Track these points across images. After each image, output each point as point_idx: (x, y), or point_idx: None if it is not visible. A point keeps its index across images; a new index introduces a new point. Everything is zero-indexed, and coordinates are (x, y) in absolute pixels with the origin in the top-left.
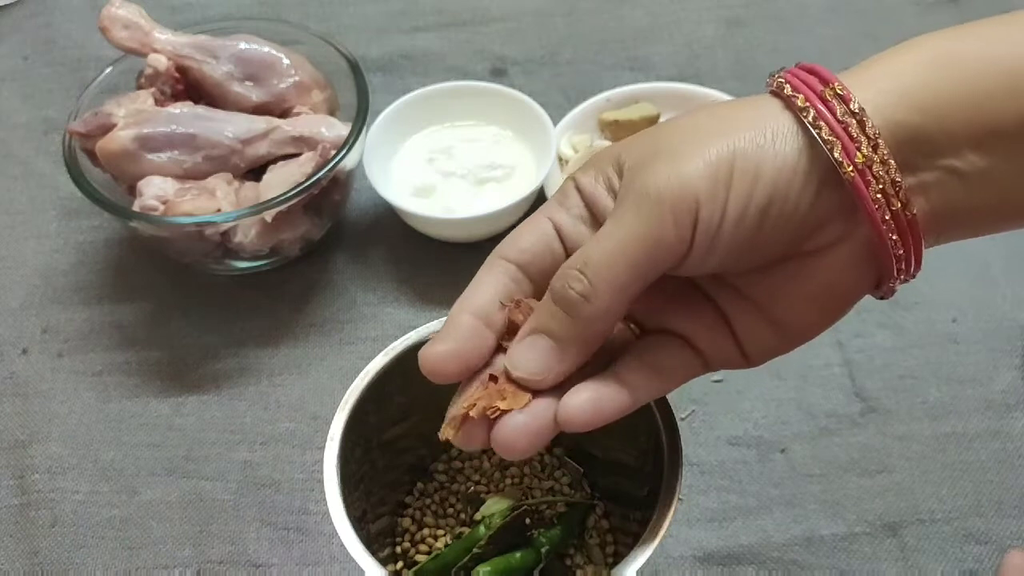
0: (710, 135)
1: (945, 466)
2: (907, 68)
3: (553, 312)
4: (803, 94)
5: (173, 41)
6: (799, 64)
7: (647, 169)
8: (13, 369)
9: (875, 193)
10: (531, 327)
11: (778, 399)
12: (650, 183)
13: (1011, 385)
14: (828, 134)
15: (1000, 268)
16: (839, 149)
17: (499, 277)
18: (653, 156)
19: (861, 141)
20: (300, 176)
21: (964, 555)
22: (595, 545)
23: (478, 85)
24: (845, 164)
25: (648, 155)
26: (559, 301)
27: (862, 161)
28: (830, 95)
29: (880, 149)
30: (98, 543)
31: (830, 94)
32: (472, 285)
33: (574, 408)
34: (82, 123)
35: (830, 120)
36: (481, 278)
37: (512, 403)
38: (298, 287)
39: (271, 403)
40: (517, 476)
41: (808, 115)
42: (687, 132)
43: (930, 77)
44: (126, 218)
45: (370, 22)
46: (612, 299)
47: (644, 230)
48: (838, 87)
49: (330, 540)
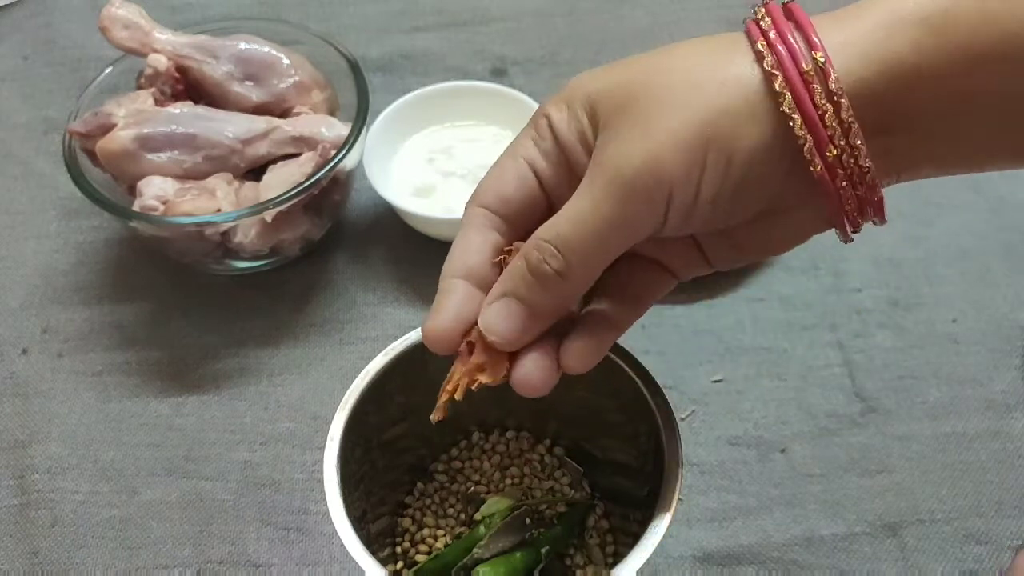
0: (687, 104)
1: (945, 466)
2: (896, 30)
3: (528, 281)
4: (783, 72)
5: (173, 41)
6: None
7: (620, 142)
8: (13, 369)
9: (841, 181)
10: (503, 289)
11: (778, 399)
12: (624, 165)
13: (1011, 385)
14: (801, 128)
15: (1000, 268)
16: (810, 144)
17: (487, 234)
18: (625, 119)
19: (835, 131)
20: (300, 176)
21: (964, 555)
22: (595, 545)
23: (478, 85)
24: (815, 161)
25: (620, 114)
26: (534, 272)
27: (833, 156)
28: (810, 73)
29: (852, 137)
30: (98, 543)
31: (810, 71)
32: (461, 242)
33: (575, 354)
34: (82, 123)
35: (807, 109)
36: (469, 235)
37: (492, 374)
38: (298, 287)
39: (271, 403)
40: (517, 476)
41: (784, 100)
42: (662, 92)
43: (922, 40)
44: (126, 218)
45: (370, 22)
46: (586, 275)
47: (619, 215)
48: (819, 57)
49: (330, 540)
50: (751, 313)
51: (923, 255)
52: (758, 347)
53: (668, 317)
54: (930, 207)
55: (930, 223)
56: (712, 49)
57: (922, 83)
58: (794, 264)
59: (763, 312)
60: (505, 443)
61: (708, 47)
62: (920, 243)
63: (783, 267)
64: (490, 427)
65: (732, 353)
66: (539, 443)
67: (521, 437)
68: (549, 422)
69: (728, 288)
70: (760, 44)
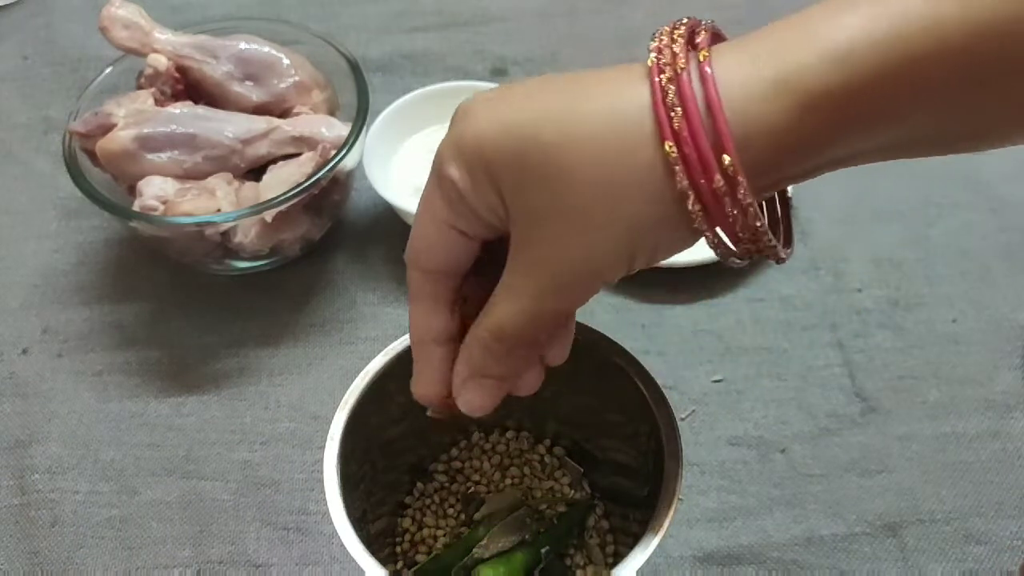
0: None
1: (945, 466)
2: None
3: (485, 360)
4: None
5: (173, 41)
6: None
7: (546, 245)
8: (13, 369)
9: (738, 233)
10: (468, 371)
11: (778, 399)
12: (563, 272)
13: (1011, 385)
14: (697, 209)
15: (1000, 268)
16: (702, 220)
17: (437, 296)
18: (539, 210)
19: (732, 213)
20: (300, 176)
21: (964, 555)
22: (595, 545)
23: (478, 85)
24: (709, 237)
25: (530, 195)
26: (486, 357)
27: (727, 225)
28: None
29: (750, 214)
30: (98, 543)
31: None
32: (416, 311)
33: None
34: (82, 123)
35: (703, 194)
36: (423, 303)
37: None
38: (298, 287)
39: (271, 403)
40: (517, 476)
41: (682, 183)
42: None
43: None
44: (126, 218)
45: (370, 22)
46: (534, 347)
47: (553, 307)
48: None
49: (330, 540)
50: (751, 313)
51: (923, 255)
52: (758, 347)
53: (668, 317)
54: (930, 207)
55: (930, 223)
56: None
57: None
58: (794, 264)
59: (763, 312)
60: (505, 443)
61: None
62: (920, 243)
63: (783, 267)
64: (490, 427)
65: (732, 353)
66: (539, 443)
67: (521, 437)
68: (549, 422)
69: (728, 288)
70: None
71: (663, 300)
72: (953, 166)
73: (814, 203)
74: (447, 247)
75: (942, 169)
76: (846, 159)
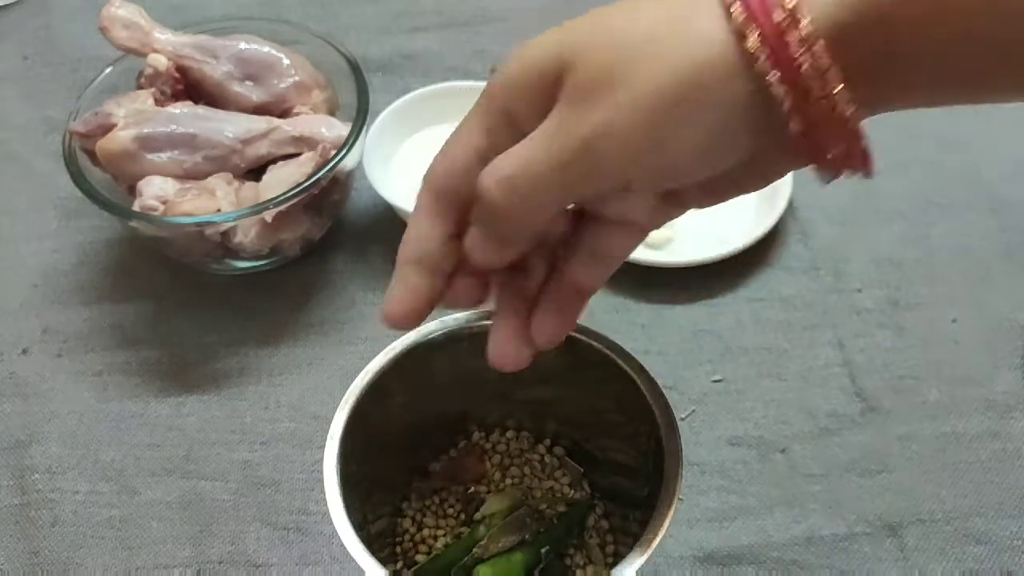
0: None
1: (945, 466)
2: None
3: (485, 215)
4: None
5: (173, 41)
6: None
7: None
8: (13, 369)
9: (821, 134)
10: (474, 217)
11: (778, 399)
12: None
13: (1011, 385)
14: (780, 85)
15: (1000, 268)
16: (789, 103)
17: (437, 220)
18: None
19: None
20: (300, 176)
21: (964, 555)
22: (595, 545)
23: (478, 85)
24: (793, 118)
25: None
26: (487, 208)
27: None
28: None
29: (830, 83)
30: (98, 543)
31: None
32: (412, 229)
33: (543, 331)
34: (82, 123)
35: (783, 64)
36: (421, 222)
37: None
38: (298, 287)
39: (271, 403)
40: (517, 476)
41: (759, 60)
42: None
43: None
44: (126, 218)
45: (370, 22)
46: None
47: (581, 169)
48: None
49: (330, 540)
50: (751, 313)
51: (923, 255)
52: (758, 347)
53: (668, 317)
54: (930, 207)
55: (930, 223)
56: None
57: (904, 18)
58: (794, 264)
59: (763, 312)
60: (505, 443)
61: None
62: (920, 243)
63: (783, 267)
64: (490, 427)
65: (732, 353)
66: (539, 443)
67: (521, 437)
68: (549, 422)
69: (728, 288)
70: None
71: (663, 300)
72: (953, 166)
73: (814, 203)
74: (466, 169)
75: (942, 169)
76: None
